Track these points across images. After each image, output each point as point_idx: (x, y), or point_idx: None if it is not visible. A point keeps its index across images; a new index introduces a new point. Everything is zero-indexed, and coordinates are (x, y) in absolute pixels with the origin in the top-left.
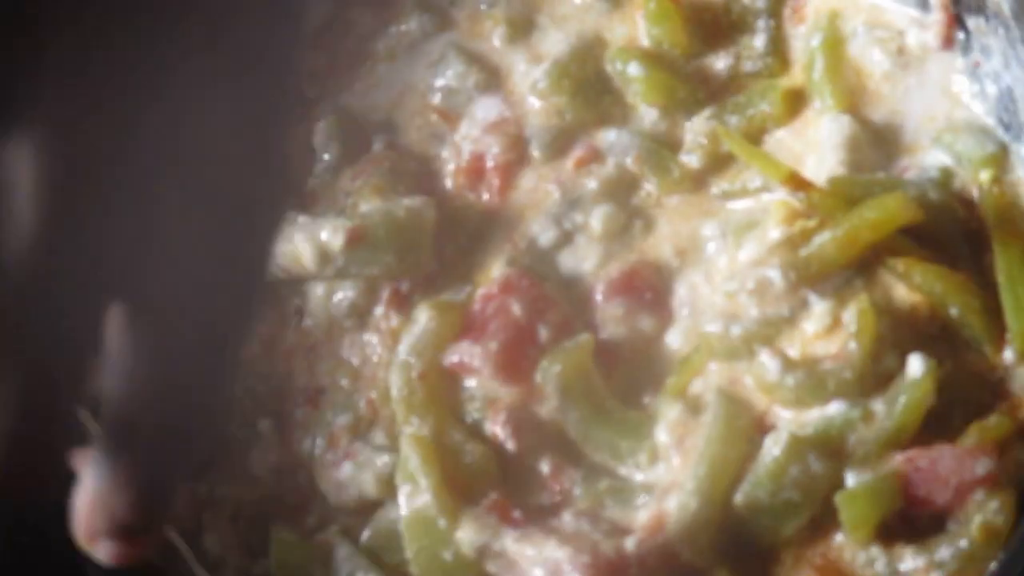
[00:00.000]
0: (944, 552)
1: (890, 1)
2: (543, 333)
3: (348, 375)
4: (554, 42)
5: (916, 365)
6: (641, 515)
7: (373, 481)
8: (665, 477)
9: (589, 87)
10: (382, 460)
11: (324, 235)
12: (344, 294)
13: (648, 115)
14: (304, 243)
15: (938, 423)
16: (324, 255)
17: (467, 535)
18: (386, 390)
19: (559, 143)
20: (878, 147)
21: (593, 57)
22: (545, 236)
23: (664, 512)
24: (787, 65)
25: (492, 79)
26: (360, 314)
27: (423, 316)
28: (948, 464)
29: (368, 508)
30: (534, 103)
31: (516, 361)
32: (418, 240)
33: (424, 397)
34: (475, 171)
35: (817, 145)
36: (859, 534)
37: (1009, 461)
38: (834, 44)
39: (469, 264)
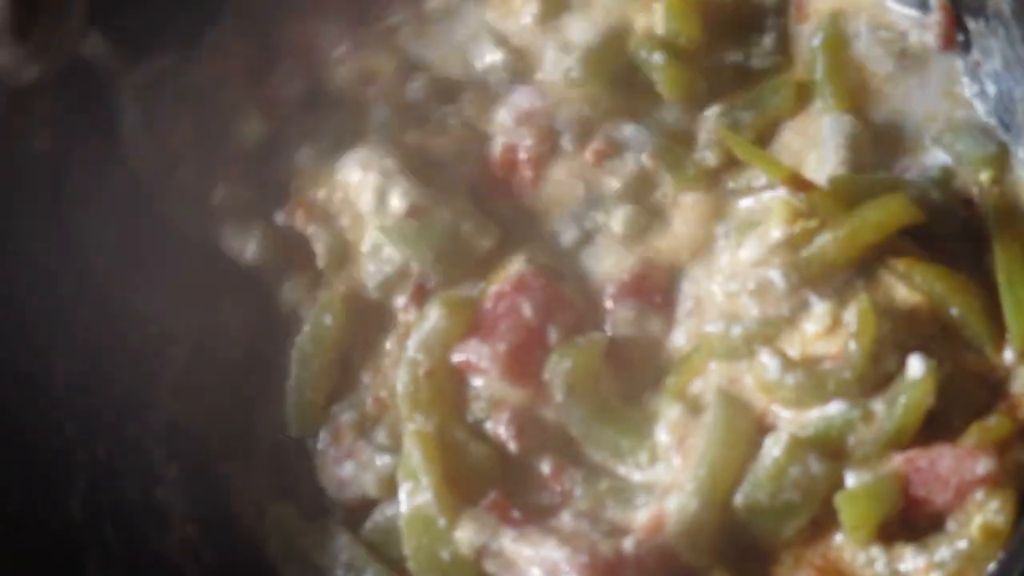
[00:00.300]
0: (944, 552)
1: (891, 1)
2: (553, 334)
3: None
4: (581, 29)
5: (916, 366)
6: (641, 515)
7: (375, 482)
8: (665, 477)
9: (619, 76)
10: (383, 460)
11: (394, 193)
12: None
13: (672, 108)
14: (370, 184)
15: (938, 423)
16: (380, 206)
17: (466, 535)
18: (395, 386)
19: (585, 134)
20: (879, 146)
21: (621, 45)
22: (568, 235)
23: (664, 512)
24: (792, 62)
25: (523, 63)
26: (386, 292)
27: (434, 312)
28: (948, 464)
29: (369, 505)
30: (566, 92)
31: (524, 362)
32: (462, 259)
33: (429, 395)
34: (508, 163)
35: (819, 143)
36: (859, 534)
37: (1009, 461)
38: (835, 44)
39: (494, 256)
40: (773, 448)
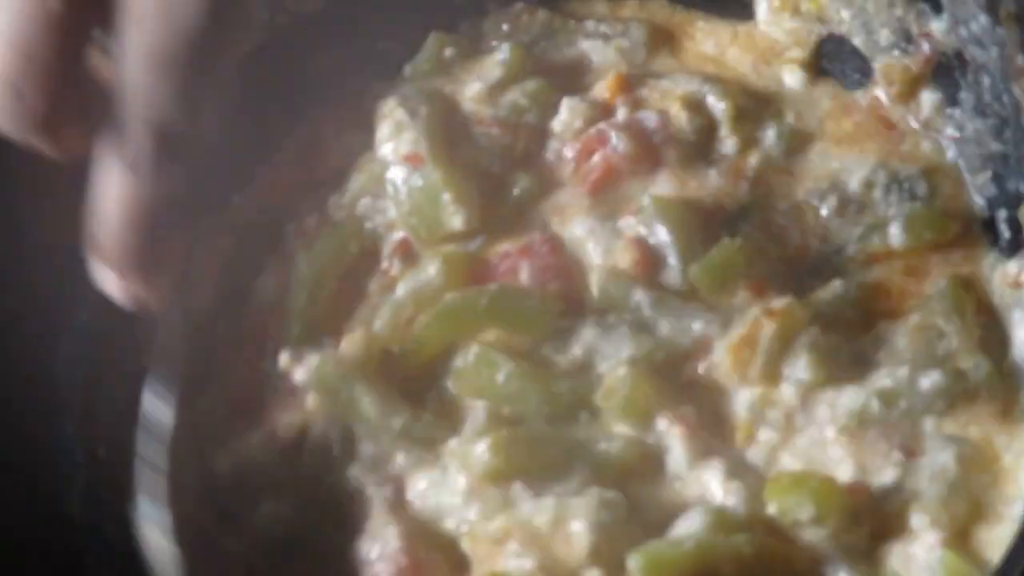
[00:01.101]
0: None
1: None
2: None
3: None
4: None
5: None
6: None
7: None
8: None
9: None
10: None
11: (406, 136)
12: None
13: None
14: (394, 121)
15: None
16: (396, 140)
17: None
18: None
19: None
20: None
21: None
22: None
23: None
24: None
25: None
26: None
27: (432, 268)
28: None
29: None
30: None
31: None
32: (432, 225)
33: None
34: (584, 153)
35: None
36: None
37: None
38: None
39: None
40: None
